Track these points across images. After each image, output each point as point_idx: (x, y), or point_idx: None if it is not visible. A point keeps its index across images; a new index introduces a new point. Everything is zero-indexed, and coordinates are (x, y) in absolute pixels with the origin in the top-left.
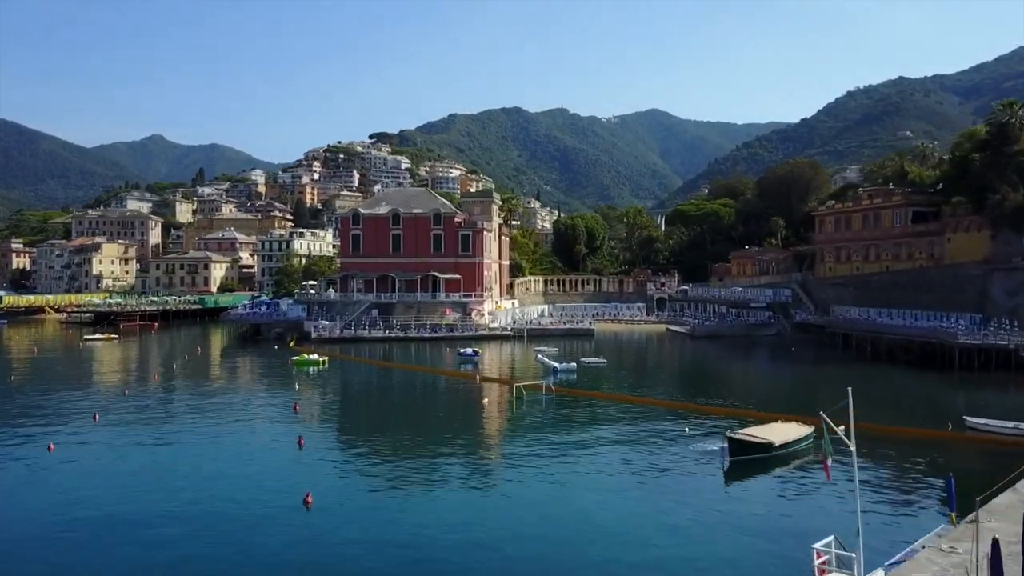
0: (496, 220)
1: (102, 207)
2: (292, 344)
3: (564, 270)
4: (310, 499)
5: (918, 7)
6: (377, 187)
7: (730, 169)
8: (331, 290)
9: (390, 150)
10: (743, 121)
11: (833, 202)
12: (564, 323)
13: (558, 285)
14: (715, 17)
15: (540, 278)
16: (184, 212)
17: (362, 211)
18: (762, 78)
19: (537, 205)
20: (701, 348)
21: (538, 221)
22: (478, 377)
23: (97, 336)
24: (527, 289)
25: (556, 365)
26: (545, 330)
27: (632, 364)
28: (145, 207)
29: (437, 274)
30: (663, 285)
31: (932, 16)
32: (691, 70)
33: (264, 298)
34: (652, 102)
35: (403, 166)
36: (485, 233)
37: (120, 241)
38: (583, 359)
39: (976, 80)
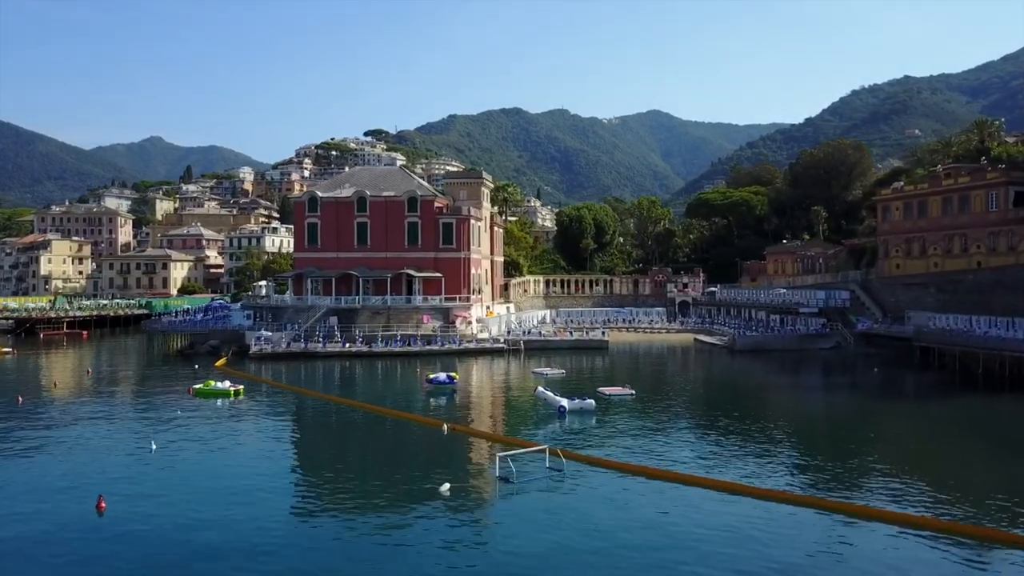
0: (487, 206)
1: (68, 203)
2: (222, 362)
3: (568, 269)
4: None
5: (920, 6)
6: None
7: (733, 170)
8: (287, 293)
9: (385, 147)
10: (744, 122)
11: (901, 183)
12: (571, 333)
13: (562, 286)
14: (716, 18)
15: (540, 278)
16: (166, 210)
17: (320, 194)
18: (763, 79)
19: (538, 204)
20: (746, 367)
21: (539, 220)
22: (446, 427)
23: None
24: (525, 291)
25: (564, 402)
26: (547, 342)
27: (669, 395)
28: (124, 205)
29: (412, 272)
30: (686, 287)
31: (935, 16)
32: (692, 71)
33: (218, 302)
34: (653, 103)
35: (398, 163)
36: (473, 222)
37: (75, 239)
38: (601, 390)
39: (983, 79)
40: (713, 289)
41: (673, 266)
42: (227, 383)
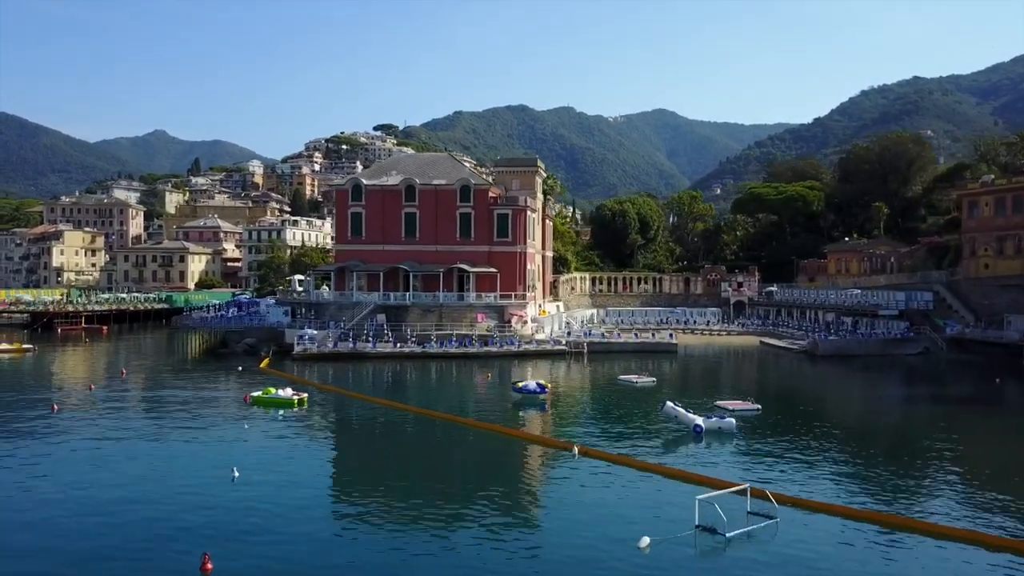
0: (540, 197)
1: (76, 194)
2: (265, 363)
3: (602, 267)
4: None
5: (926, 6)
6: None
7: (742, 169)
8: (324, 287)
9: (395, 141)
10: (750, 122)
11: (992, 177)
12: (635, 335)
13: (608, 284)
14: (720, 17)
15: (587, 275)
16: (173, 202)
17: (364, 182)
18: (768, 79)
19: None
20: (834, 373)
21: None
22: (576, 449)
23: (2, 347)
24: (572, 289)
25: (699, 421)
26: (610, 345)
27: (792, 411)
28: (132, 197)
29: (466, 267)
30: (740, 286)
31: (942, 16)
32: (698, 70)
33: (242, 297)
34: (658, 102)
35: None
36: (529, 214)
37: (87, 230)
38: (722, 404)
39: (993, 80)
40: (772, 289)
41: (722, 264)
42: (289, 391)
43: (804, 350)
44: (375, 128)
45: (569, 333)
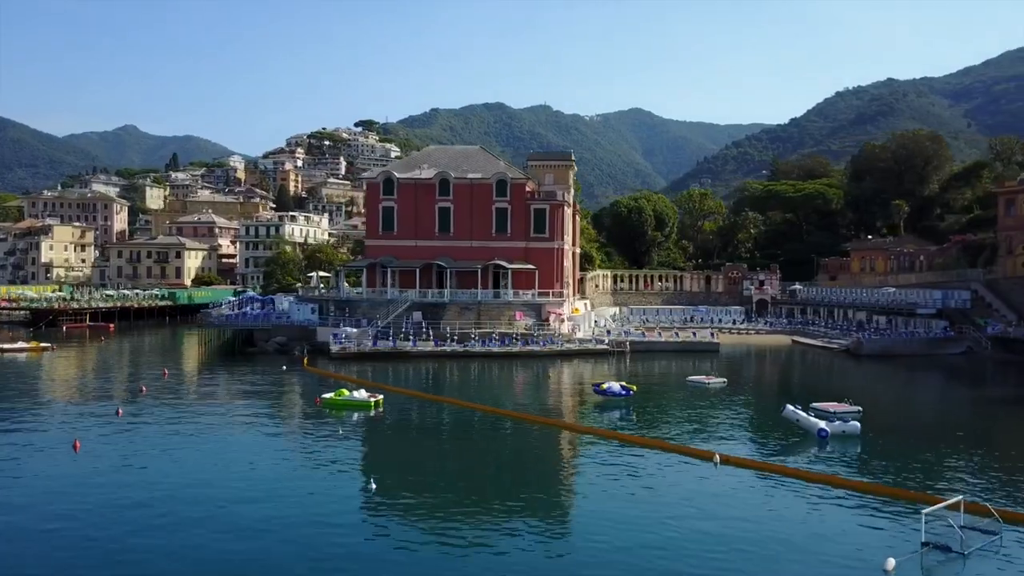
0: (573, 192)
1: (59, 188)
2: (306, 362)
3: (622, 265)
4: None
5: (901, 10)
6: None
7: (720, 168)
8: (345, 284)
9: (377, 138)
10: (725, 122)
11: None
12: (676, 334)
13: (629, 282)
14: (697, 17)
15: (608, 272)
16: (155, 198)
17: (397, 175)
18: (745, 79)
19: None
20: (883, 373)
21: None
22: (718, 457)
23: (19, 346)
24: (596, 286)
25: (822, 425)
26: (651, 344)
27: (888, 411)
28: (111, 192)
29: (504, 263)
30: (762, 284)
31: (915, 19)
32: (674, 70)
33: (251, 293)
34: (635, 101)
35: (392, 154)
36: (566, 209)
37: (76, 224)
38: (817, 405)
39: (965, 83)
40: (796, 287)
41: (738, 262)
42: (363, 392)
43: (845, 349)
44: (356, 124)
45: (608, 332)
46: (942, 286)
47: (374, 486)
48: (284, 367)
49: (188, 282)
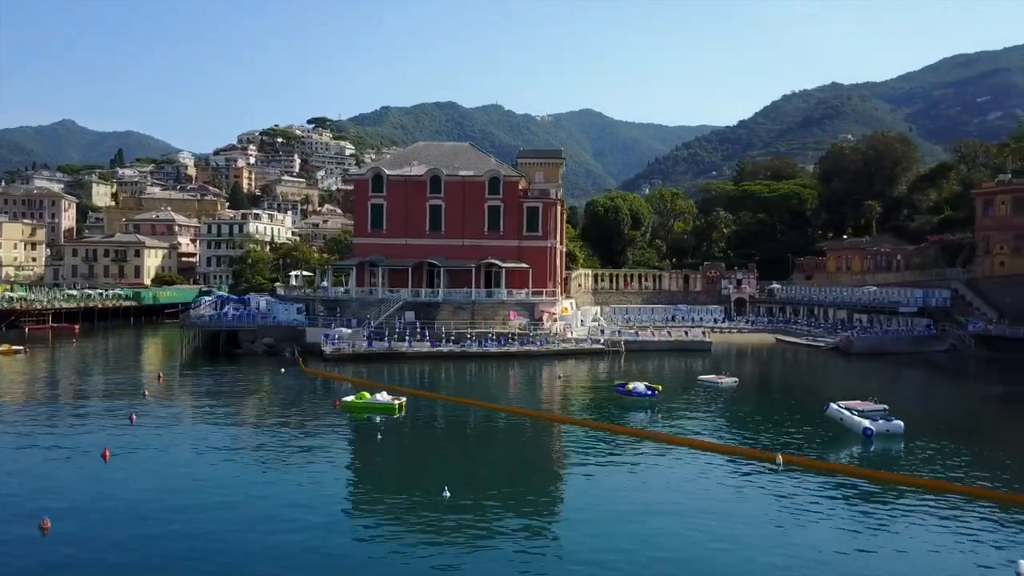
0: (561, 190)
1: (2, 183)
2: (302, 362)
3: (598, 264)
4: None
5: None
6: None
7: (671, 169)
8: (350, 283)
9: (331, 135)
10: (675, 123)
11: (1009, 176)
12: (668, 333)
13: (610, 281)
14: (646, 19)
15: (589, 272)
16: (102, 195)
17: (387, 171)
18: (693, 81)
19: None
20: (875, 372)
21: None
22: (780, 458)
23: None
24: (579, 285)
25: (867, 423)
26: (645, 343)
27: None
28: (56, 188)
29: (497, 262)
30: (740, 283)
31: (859, 25)
32: (624, 72)
33: (222, 293)
34: (585, 102)
35: (347, 152)
36: (558, 207)
37: (26, 221)
38: (845, 404)
39: (906, 88)
40: (775, 286)
41: (714, 262)
42: (385, 395)
43: (833, 347)
44: (309, 121)
45: (603, 331)
46: (922, 285)
47: (448, 494)
48: (283, 369)
49: (148, 281)
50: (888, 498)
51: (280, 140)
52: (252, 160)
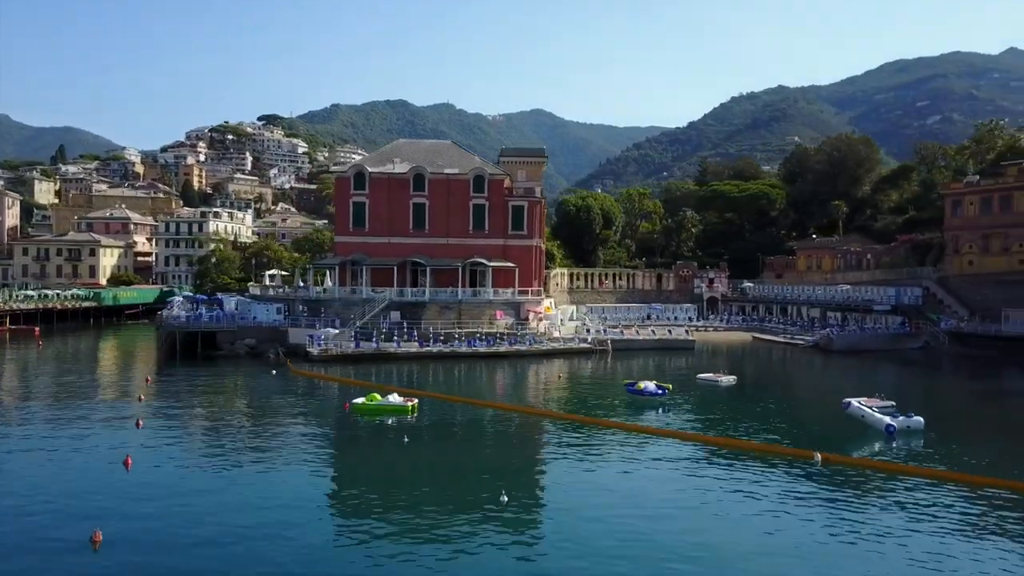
0: (543, 189)
1: None
2: (290, 364)
3: (571, 263)
4: None
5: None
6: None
7: (622, 170)
8: (327, 283)
9: (283, 133)
10: (624, 124)
11: (977, 177)
12: (652, 332)
13: (585, 280)
14: (598, 21)
15: (565, 271)
16: (45, 192)
17: (369, 169)
18: (643, 83)
19: None
20: (857, 369)
21: None
22: (819, 456)
23: None
24: (556, 284)
25: (888, 420)
26: (631, 342)
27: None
28: None
29: (483, 261)
30: (712, 282)
31: (802, 29)
32: (574, 72)
33: (188, 293)
34: (536, 102)
35: (300, 150)
36: (543, 206)
37: None
38: (855, 401)
39: (849, 92)
40: (747, 285)
41: (682, 261)
42: (397, 396)
43: (813, 345)
44: (260, 119)
45: (589, 331)
46: (894, 283)
47: (505, 498)
48: (273, 372)
49: (103, 281)
50: (939, 494)
51: (231, 137)
52: (202, 158)
